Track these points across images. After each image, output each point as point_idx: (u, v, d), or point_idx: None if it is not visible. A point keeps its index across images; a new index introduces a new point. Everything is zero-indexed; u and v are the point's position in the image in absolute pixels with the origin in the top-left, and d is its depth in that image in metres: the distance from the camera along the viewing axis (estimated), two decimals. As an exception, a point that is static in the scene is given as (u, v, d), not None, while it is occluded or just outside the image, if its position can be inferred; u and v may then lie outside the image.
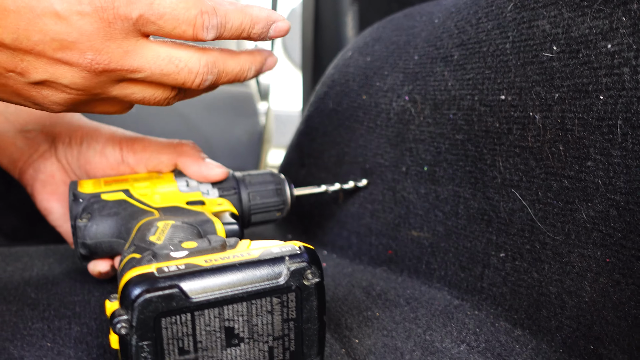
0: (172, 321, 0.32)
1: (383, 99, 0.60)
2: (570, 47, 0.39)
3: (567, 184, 0.39)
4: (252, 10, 0.40)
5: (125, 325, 0.32)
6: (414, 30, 0.60)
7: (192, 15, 0.36)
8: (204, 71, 0.39)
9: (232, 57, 0.42)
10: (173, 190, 0.51)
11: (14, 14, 0.32)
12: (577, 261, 0.38)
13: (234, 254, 0.35)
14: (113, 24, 0.34)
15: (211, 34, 0.38)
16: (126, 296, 0.32)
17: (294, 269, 0.34)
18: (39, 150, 0.52)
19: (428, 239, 0.52)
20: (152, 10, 0.35)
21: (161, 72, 0.38)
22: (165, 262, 0.34)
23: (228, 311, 0.33)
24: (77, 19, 0.33)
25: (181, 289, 0.32)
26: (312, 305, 0.35)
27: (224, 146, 1.18)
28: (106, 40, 0.35)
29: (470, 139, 0.48)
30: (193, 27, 0.36)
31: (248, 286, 0.33)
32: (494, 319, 0.44)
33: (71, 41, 0.34)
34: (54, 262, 0.59)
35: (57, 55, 0.34)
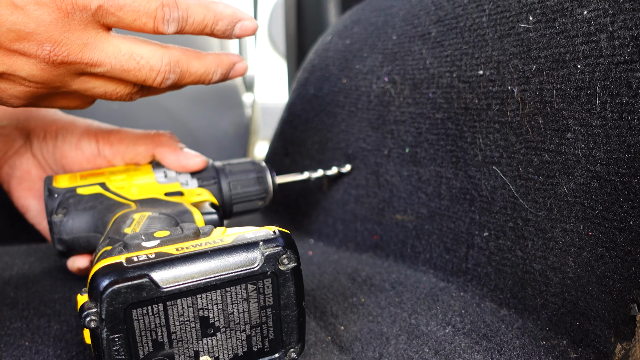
0: (143, 312, 0.31)
1: (363, 82, 0.59)
2: (546, 17, 0.38)
3: (548, 158, 0.38)
4: (216, 6, 0.39)
5: (94, 319, 0.30)
6: (392, 10, 0.59)
7: (153, 7, 0.36)
8: (166, 69, 0.38)
9: (197, 58, 0.41)
10: (150, 182, 0.50)
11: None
12: (560, 236, 0.37)
13: (206, 242, 0.34)
14: (72, 15, 0.34)
15: (172, 27, 0.37)
16: (94, 288, 0.31)
17: (269, 254, 0.33)
18: (14, 147, 0.51)
19: (412, 222, 0.52)
20: (112, 1, 0.34)
21: (122, 68, 0.37)
22: (135, 252, 0.33)
23: (202, 300, 0.32)
24: (35, 9, 0.33)
25: (151, 279, 0.31)
26: (290, 291, 0.34)
27: (210, 139, 1.17)
28: (65, 31, 0.34)
29: (450, 117, 0.47)
30: (154, 20, 0.36)
31: (221, 273, 0.32)
32: (480, 299, 0.43)
33: (28, 32, 0.33)
34: (35, 261, 0.58)
35: (14, 46, 0.34)
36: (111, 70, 0.37)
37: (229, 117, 1.18)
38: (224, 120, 1.17)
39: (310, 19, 1.09)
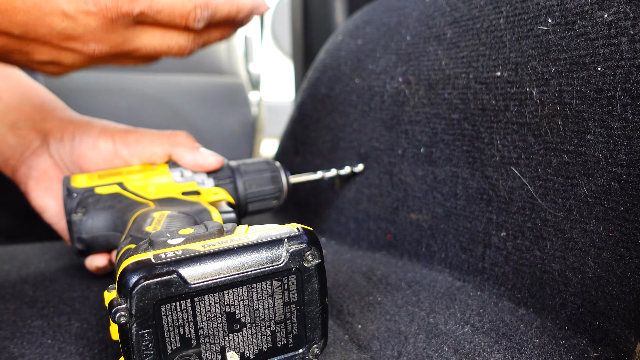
0: (172, 308, 0.32)
1: (376, 82, 0.59)
2: (565, 19, 0.38)
3: (567, 159, 0.38)
4: (239, 0, 0.43)
5: (124, 314, 0.31)
6: (404, 10, 0.59)
7: (187, 10, 0.40)
8: (192, 45, 0.43)
9: (216, 30, 0.45)
10: (168, 181, 0.50)
11: (22, 12, 0.34)
12: (579, 237, 0.38)
13: (231, 238, 0.34)
14: (116, 20, 0.37)
15: (201, 24, 0.41)
16: (124, 284, 0.31)
17: (293, 251, 0.34)
18: (31, 147, 0.52)
19: (427, 221, 0.52)
20: (152, 8, 0.38)
21: (155, 51, 0.42)
22: (162, 249, 0.34)
23: (228, 296, 0.33)
24: (83, 17, 0.35)
25: (180, 275, 0.31)
26: (314, 287, 0.35)
27: (216, 137, 1.17)
28: (108, 32, 0.37)
29: (467, 118, 0.47)
30: (186, 20, 0.40)
31: (247, 270, 0.33)
32: (497, 298, 0.43)
33: (77, 35, 0.36)
34: (51, 259, 0.58)
35: (62, 44, 0.37)
36: (146, 53, 0.42)
37: (236, 116, 1.18)
38: (230, 119, 1.18)
39: (317, 18, 1.09)
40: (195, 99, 1.18)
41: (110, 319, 0.31)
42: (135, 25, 0.39)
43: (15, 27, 0.34)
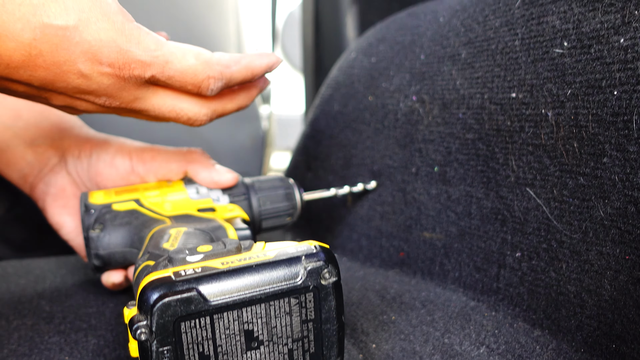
0: (191, 325, 0.32)
1: (390, 100, 0.60)
2: (581, 43, 0.39)
3: (583, 181, 0.38)
4: (254, 65, 0.44)
5: (144, 331, 0.31)
6: (418, 29, 0.60)
7: (199, 79, 0.40)
8: (203, 118, 0.44)
9: (231, 100, 0.45)
10: (183, 198, 0.51)
11: (42, 70, 0.35)
12: (595, 259, 0.38)
13: (249, 256, 0.35)
14: (128, 80, 0.38)
15: (214, 92, 0.42)
16: (144, 301, 0.31)
17: (311, 269, 0.34)
18: (48, 165, 0.52)
19: (441, 240, 0.52)
20: (164, 73, 0.39)
21: (163, 116, 0.42)
22: (181, 266, 0.34)
23: (247, 314, 0.33)
24: (97, 76, 0.37)
25: (199, 292, 0.32)
26: (331, 305, 0.35)
27: (227, 151, 1.18)
28: (120, 90, 0.39)
29: (481, 138, 0.47)
30: (198, 89, 0.41)
31: (266, 287, 0.33)
32: (512, 319, 0.43)
33: (90, 90, 0.38)
34: (67, 274, 0.58)
35: (77, 96, 0.39)
36: (155, 116, 0.42)
37: (246, 130, 1.19)
38: (241, 133, 1.18)
39: (328, 34, 1.10)
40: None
41: (130, 336, 0.32)
42: (148, 86, 0.40)
43: (35, 80, 0.36)
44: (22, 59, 0.34)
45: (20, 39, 0.33)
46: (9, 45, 0.33)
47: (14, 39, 0.33)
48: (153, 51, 0.38)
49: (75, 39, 0.35)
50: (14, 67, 0.35)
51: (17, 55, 0.34)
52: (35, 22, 0.33)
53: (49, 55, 0.35)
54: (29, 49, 0.34)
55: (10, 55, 0.34)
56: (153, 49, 0.38)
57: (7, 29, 0.33)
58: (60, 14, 0.34)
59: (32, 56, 0.34)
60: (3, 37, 0.33)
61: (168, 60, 0.38)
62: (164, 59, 0.38)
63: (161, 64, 0.38)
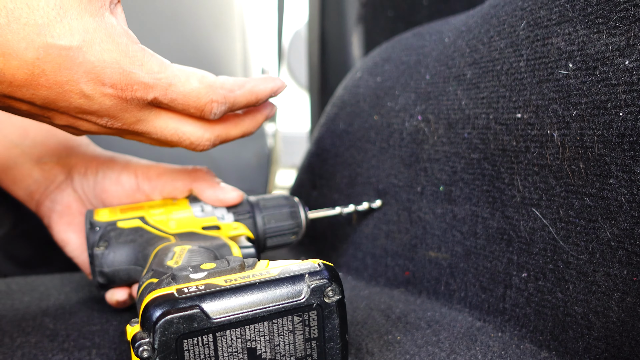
0: (194, 343, 0.32)
1: (395, 119, 0.60)
2: (586, 64, 0.39)
3: (589, 202, 0.38)
4: (258, 89, 0.44)
5: (147, 348, 0.31)
6: (424, 49, 0.60)
7: (202, 102, 0.40)
8: (206, 143, 0.43)
9: (236, 126, 0.45)
10: (188, 216, 0.51)
11: (45, 89, 0.36)
12: (602, 280, 0.37)
13: (253, 274, 0.35)
14: (130, 102, 0.38)
15: (217, 116, 0.42)
16: (147, 318, 0.31)
17: (314, 286, 0.34)
18: (55, 182, 0.53)
19: (446, 260, 0.52)
20: (166, 96, 0.39)
21: (165, 140, 0.42)
22: (185, 283, 0.34)
23: (250, 331, 0.33)
24: (99, 97, 0.37)
25: (202, 309, 0.32)
26: (334, 323, 0.35)
27: (232, 169, 1.18)
28: (122, 111, 0.39)
29: (487, 158, 0.47)
30: (201, 112, 0.41)
31: (269, 305, 0.33)
32: (519, 340, 0.43)
33: (92, 111, 0.38)
34: (71, 291, 0.58)
35: (78, 115, 0.39)
36: (157, 139, 0.42)
37: (252, 148, 1.19)
38: (246, 151, 1.19)
39: (334, 53, 1.11)
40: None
41: (132, 353, 0.32)
42: (151, 108, 0.40)
43: (37, 99, 0.36)
44: (25, 78, 0.35)
45: (24, 57, 0.34)
46: (13, 63, 0.34)
47: (17, 58, 0.34)
48: (156, 73, 0.38)
49: (78, 59, 0.35)
50: (17, 86, 0.35)
51: (20, 74, 0.34)
52: (39, 42, 0.34)
53: (52, 74, 0.35)
54: (32, 68, 0.34)
55: (13, 73, 0.34)
56: (156, 71, 0.38)
57: (11, 47, 0.33)
58: (65, 34, 0.34)
59: (35, 75, 0.35)
60: (7, 56, 0.33)
61: (171, 82, 0.38)
62: (167, 82, 0.38)
63: (164, 86, 0.38)
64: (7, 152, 0.53)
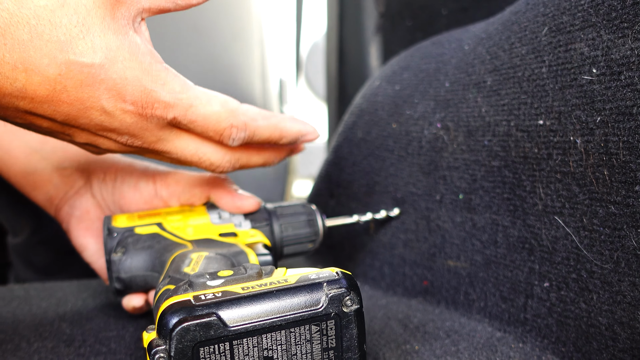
0: (210, 351, 0.31)
1: (414, 127, 0.59)
2: (611, 70, 0.38)
3: (614, 210, 0.37)
4: (284, 125, 0.43)
5: (163, 356, 0.31)
6: (443, 57, 0.60)
7: (222, 127, 0.40)
8: (226, 165, 0.43)
9: (258, 153, 0.45)
10: (205, 223, 0.51)
11: (66, 105, 0.36)
12: (628, 290, 0.36)
13: (270, 281, 0.34)
14: (150, 120, 0.38)
15: (236, 143, 0.41)
16: (164, 325, 0.31)
17: (333, 295, 0.33)
18: (74, 187, 0.53)
19: (465, 269, 0.51)
20: (186, 116, 0.39)
21: (185, 160, 0.42)
22: (202, 290, 0.34)
23: (267, 340, 0.32)
24: (120, 114, 0.37)
25: (219, 317, 0.31)
26: (352, 333, 0.34)
27: (249, 178, 1.18)
28: (142, 130, 0.39)
29: (508, 166, 0.47)
30: (220, 136, 0.41)
31: (286, 314, 0.33)
32: (541, 352, 0.42)
33: (112, 128, 0.38)
34: (88, 297, 0.58)
35: (99, 133, 0.39)
36: (177, 158, 0.42)
37: (269, 157, 1.19)
38: (263, 160, 1.19)
39: (352, 63, 1.11)
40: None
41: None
42: (171, 128, 0.40)
43: (58, 115, 0.36)
44: (47, 94, 0.35)
45: (46, 74, 0.34)
46: (35, 79, 0.34)
47: (40, 74, 0.34)
48: (178, 93, 0.38)
49: (100, 76, 0.35)
50: (39, 102, 0.35)
51: (42, 90, 0.34)
52: (61, 59, 0.34)
53: (74, 90, 0.35)
54: (54, 84, 0.34)
55: (35, 89, 0.34)
56: (178, 91, 0.38)
57: (34, 63, 0.33)
58: (87, 51, 0.34)
59: (57, 91, 0.35)
60: (29, 72, 0.34)
61: (192, 104, 0.38)
62: (188, 102, 0.38)
63: (184, 106, 0.38)
64: (28, 158, 0.53)
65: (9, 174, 0.54)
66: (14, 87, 0.34)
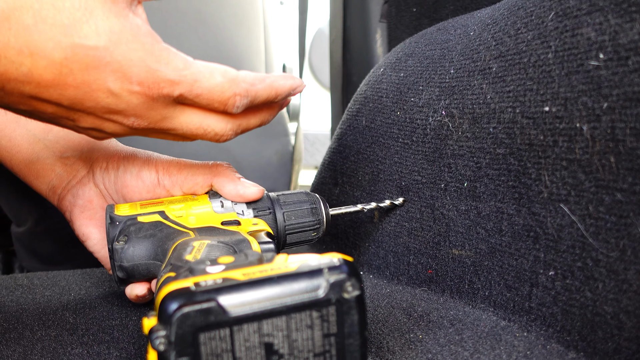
0: (210, 336, 0.31)
1: (418, 115, 0.59)
2: (618, 55, 0.37)
3: (621, 197, 0.37)
4: (277, 84, 0.44)
5: (163, 341, 0.31)
6: (448, 43, 0.59)
7: (226, 96, 0.41)
8: (229, 133, 0.44)
9: (254, 115, 0.46)
10: (208, 211, 0.51)
11: (73, 88, 0.36)
12: (634, 279, 0.36)
13: (271, 267, 0.34)
14: (156, 99, 0.39)
15: (240, 110, 0.42)
16: (164, 311, 0.31)
17: (333, 281, 0.33)
18: (77, 176, 0.53)
19: (470, 258, 0.51)
20: (192, 91, 0.39)
21: (191, 134, 0.43)
22: (202, 276, 0.33)
23: (267, 326, 0.32)
24: (127, 95, 0.38)
25: (219, 303, 0.31)
26: (353, 319, 0.34)
27: (254, 167, 1.18)
28: (149, 109, 0.39)
29: (513, 153, 0.46)
30: (225, 106, 0.41)
31: (287, 299, 0.32)
32: (545, 340, 0.42)
33: (119, 110, 0.38)
34: (91, 286, 0.59)
35: (105, 116, 0.39)
36: (182, 133, 0.43)
37: (274, 146, 1.19)
38: (268, 149, 1.19)
39: (356, 50, 1.10)
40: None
41: (149, 346, 0.31)
42: (176, 105, 0.40)
43: (64, 99, 0.37)
44: (53, 78, 0.35)
45: (52, 57, 0.34)
46: (40, 63, 0.34)
47: (45, 58, 0.34)
48: (181, 70, 0.38)
49: (106, 59, 0.35)
50: (45, 86, 0.35)
51: (47, 74, 0.35)
52: (66, 42, 0.34)
53: (80, 74, 0.35)
54: (60, 67, 0.35)
55: (41, 73, 0.34)
56: (181, 68, 0.38)
57: (39, 47, 0.34)
58: (92, 34, 0.35)
59: (63, 75, 0.35)
60: (35, 56, 0.34)
61: (196, 78, 0.39)
62: (192, 78, 0.39)
63: (190, 82, 0.39)
64: (31, 147, 0.53)
65: (12, 163, 0.54)
66: (20, 72, 0.34)
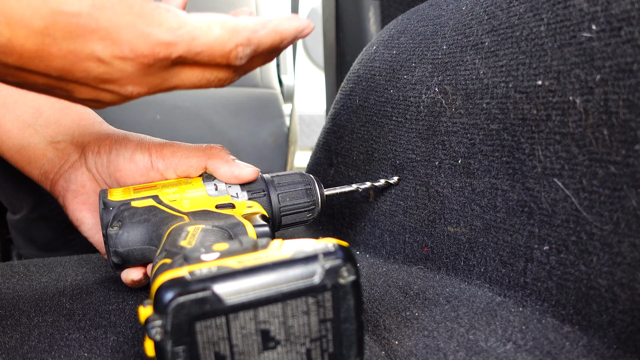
0: (206, 325, 0.31)
1: (412, 92, 0.58)
2: (610, 25, 0.37)
3: (614, 170, 0.37)
4: (282, 27, 0.41)
5: (160, 331, 0.31)
6: (440, 19, 0.58)
7: (227, 49, 0.38)
8: (234, 77, 0.41)
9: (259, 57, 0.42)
10: (202, 195, 0.50)
11: (59, 58, 0.34)
12: (628, 251, 0.36)
13: (266, 254, 0.34)
14: (153, 65, 0.36)
15: (244, 61, 0.39)
16: (159, 301, 0.31)
17: (329, 267, 0.33)
18: (69, 161, 0.52)
19: (465, 235, 0.51)
20: (191, 51, 0.36)
21: (194, 86, 0.40)
22: (196, 264, 0.33)
23: (263, 313, 0.32)
24: (119, 63, 0.35)
25: (214, 292, 0.31)
26: (349, 304, 0.34)
27: (250, 149, 1.18)
28: (146, 76, 0.37)
29: (506, 128, 0.46)
30: (227, 59, 0.38)
31: (282, 286, 0.32)
32: (540, 315, 0.42)
33: (113, 79, 0.36)
34: (88, 272, 0.59)
35: (100, 86, 0.36)
36: (184, 88, 0.40)
37: (269, 128, 1.18)
38: (264, 131, 1.18)
39: (350, 29, 1.09)
40: (229, 111, 1.19)
41: (145, 335, 0.31)
42: (174, 66, 0.38)
43: (52, 70, 0.34)
44: (36, 48, 0.33)
45: (31, 26, 0.32)
46: (20, 33, 0.32)
47: (24, 27, 0.32)
48: (176, 29, 0.35)
49: (91, 26, 0.33)
50: (28, 57, 0.33)
51: (29, 44, 0.33)
52: (45, 10, 0.32)
53: (64, 43, 0.33)
54: (42, 37, 0.32)
55: (22, 44, 0.32)
56: (176, 27, 0.35)
57: (15, 16, 0.31)
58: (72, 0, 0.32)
59: (46, 44, 0.33)
60: (13, 25, 0.32)
61: (193, 36, 0.36)
62: (190, 36, 0.36)
63: (187, 41, 0.36)
64: (21, 132, 0.53)
65: (2, 150, 0.53)
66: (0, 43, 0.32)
